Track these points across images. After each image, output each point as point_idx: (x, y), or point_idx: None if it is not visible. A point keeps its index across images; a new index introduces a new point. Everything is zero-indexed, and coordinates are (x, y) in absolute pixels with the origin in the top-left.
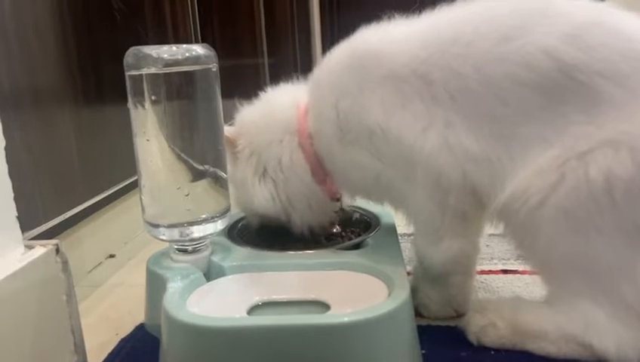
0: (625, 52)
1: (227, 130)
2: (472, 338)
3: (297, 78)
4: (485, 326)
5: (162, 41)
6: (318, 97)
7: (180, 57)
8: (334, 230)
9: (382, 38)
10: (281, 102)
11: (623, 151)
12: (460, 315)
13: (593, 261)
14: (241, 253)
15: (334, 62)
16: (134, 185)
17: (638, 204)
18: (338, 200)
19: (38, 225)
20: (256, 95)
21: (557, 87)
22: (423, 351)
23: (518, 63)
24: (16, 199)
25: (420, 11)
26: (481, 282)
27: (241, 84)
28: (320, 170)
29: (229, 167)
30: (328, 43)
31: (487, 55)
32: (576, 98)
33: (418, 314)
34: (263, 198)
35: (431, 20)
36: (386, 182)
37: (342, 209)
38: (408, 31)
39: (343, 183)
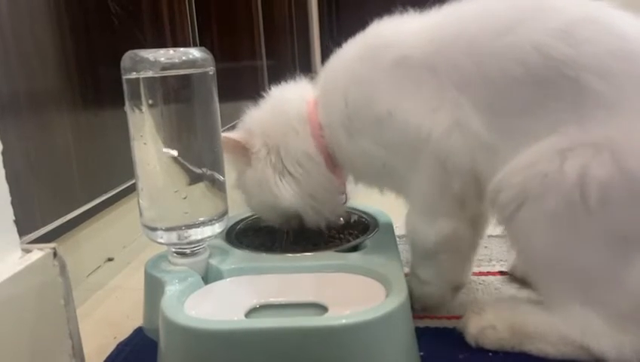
0: (615, 50)
1: (236, 136)
2: (470, 340)
3: (299, 76)
4: (484, 328)
5: (160, 45)
6: (328, 88)
7: (176, 61)
8: (340, 221)
9: (394, 30)
10: (290, 97)
11: (604, 154)
12: (451, 305)
13: (576, 265)
14: (239, 256)
15: (347, 54)
16: (132, 188)
17: (618, 208)
18: (343, 192)
19: (36, 229)
20: (255, 97)
21: (548, 82)
22: (421, 353)
23: (511, 59)
24: (13, 203)
25: (422, 11)
26: (480, 283)
27: (240, 86)
28: (331, 160)
29: (237, 173)
30: (327, 45)
31: (484, 51)
32: (566, 94)
33: (416, 311)
34: (288, 195)
35: (439, 16)
36: (390, 169)
37: (347, 200)
38: (418, 25)
39: (352, 171)
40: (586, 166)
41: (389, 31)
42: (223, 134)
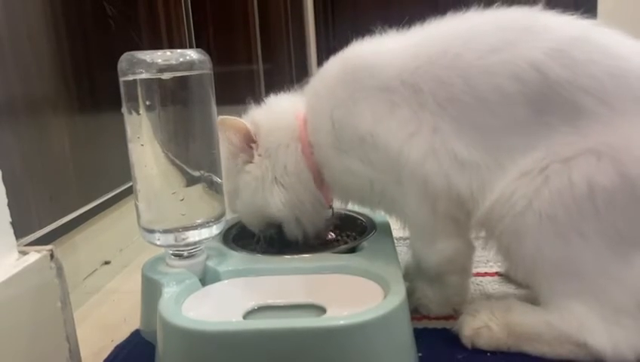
0: (609, 69)
1: (245, 122)
2: (466, 341)
3: (293, 87)
4: (479, 329)
5: (157, 47)
6: (315, 109)
7: (173, 62)
8: (329, 237)
9: (374, 50)
10: (284, 110)
11: (604, 160)
12: (457, 314)
13: (579, 264)
14: (237, 258)
15: (329, 74)
16: (129, 191)
17: (618, 211)
18: (330, 207)
19: (33, 232)
20: (251, 101)
21: (543, 99)
22: (420, 354)
23: (505, 75)
24: (10, 205)
25: (410, 23)
26: (477, 284)
27: (236, 90)
28: (319, 177)
29: (228, 171)
30: (323, 48)
31: (474, 67)
32: (561, 110)
33: (417, 313)
34: (278, 202)
35: (421, 34)
36: (380, 188)
37: (333, 216)
38: (400, 43)
39: (339, 190)
40: (592, 176)
41: (369, 50)
42: (231, 117)
